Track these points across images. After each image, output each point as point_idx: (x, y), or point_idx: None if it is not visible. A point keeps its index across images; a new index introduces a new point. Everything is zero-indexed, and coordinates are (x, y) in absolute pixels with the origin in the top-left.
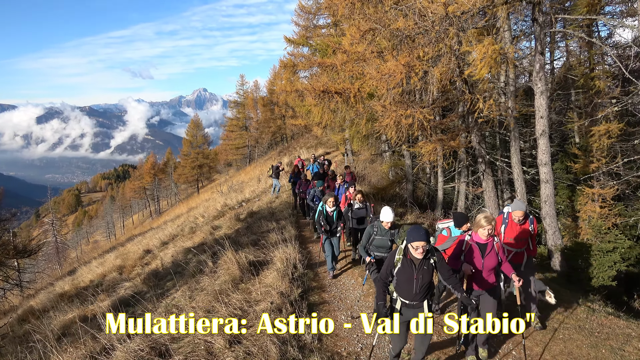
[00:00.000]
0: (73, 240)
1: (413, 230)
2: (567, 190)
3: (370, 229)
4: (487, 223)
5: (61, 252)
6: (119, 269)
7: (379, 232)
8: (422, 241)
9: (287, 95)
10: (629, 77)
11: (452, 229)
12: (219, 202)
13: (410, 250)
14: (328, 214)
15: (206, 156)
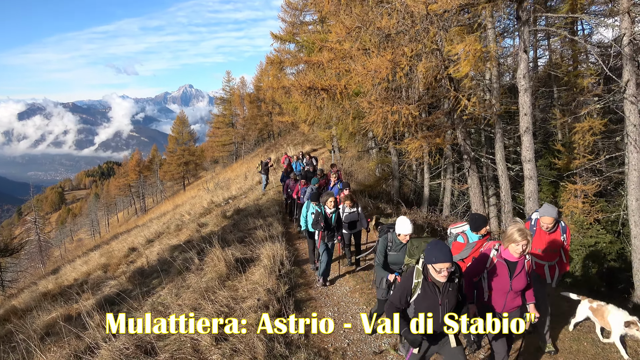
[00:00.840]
0: (57, 238)
1: (435, 248)
2: (550, 187)
3: (384, 242)
4: (522, 238)
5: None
6: (104, 267)
7: (393, 246)
8: (447, 262)
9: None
10: (610, 75)
11: (468, 234)
12: (205, 199)
13: (432, 273)
14: (327, 216)
15: (192, 153)
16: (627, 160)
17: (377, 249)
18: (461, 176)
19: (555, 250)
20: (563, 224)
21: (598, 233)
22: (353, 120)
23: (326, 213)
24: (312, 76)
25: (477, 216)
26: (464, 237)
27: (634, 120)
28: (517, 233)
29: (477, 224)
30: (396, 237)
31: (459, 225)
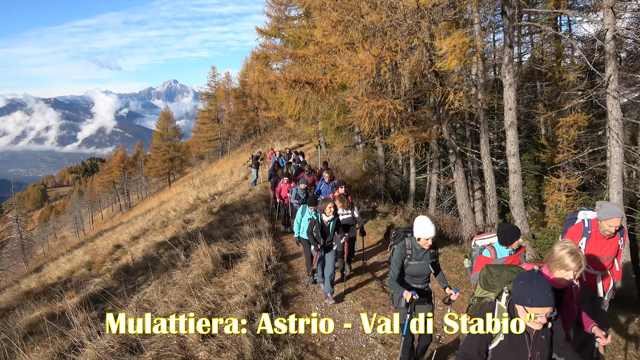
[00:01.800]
0: (39, 236)
1: (530, 285)
2: (534, 181)
3: (401, 251)
4: (576, 264)
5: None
6: (88, 264)
7: (414, 254)
8: (548, 307)
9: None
10: (593, 70)
11: (497, 248)
12: (191, 195)
13: (521, 315)
14: (324, 224)
15: (177, 149)
16: (609, 154)
17: (392, 259)
18: (447, 171)
19: (611, 257)
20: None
21: None
22: (339, 115)
23: (323, 221)
24: (298, 70)
25: (508, 227)
26: (491, 251)
27: (616, 114)
28: (570, 258)
29: (507, 237)
30: (416, 243)
31: (485, 236)
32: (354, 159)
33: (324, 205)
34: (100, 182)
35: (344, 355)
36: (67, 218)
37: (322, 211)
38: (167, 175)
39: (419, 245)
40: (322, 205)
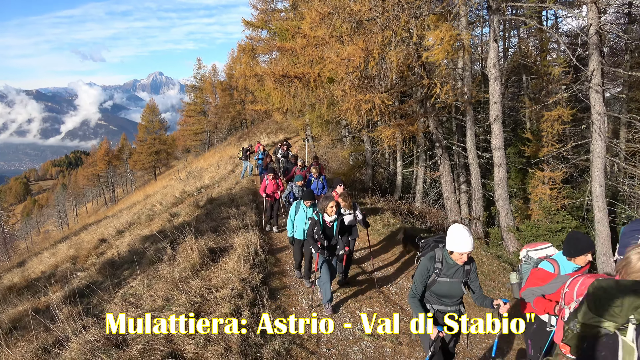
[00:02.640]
0: (22, 230)
1: None
2: (519, 174)
3: (428, 263)
4: None
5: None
6: (73, 259)
7: (444, 269)
8: None
9: (247, 79)
10: (577, 65)
11: (560, 262)
12: (177, 188)
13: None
14: (326, 225)
15: (163, 142)
16: (592, 148)
17: (417, 272)
18: (433, 164)
19: None
20: None
21: (564, 218)
22: (327, 109)
23: (325, 222)
24: (286, 63)
25: (579, 236)
26: (554, 265)
27: (599, 108)
28: None
29: (578, 248)
30: (448, 256)
31: (539, 246)
32: (341, 152)
33: (325, 204)
34: (84, 175)
35: (330, 348)
36: (50, 212)
37: (323, 210)
38: (153, 168)
39: (451, 260)
40: (323, 204)
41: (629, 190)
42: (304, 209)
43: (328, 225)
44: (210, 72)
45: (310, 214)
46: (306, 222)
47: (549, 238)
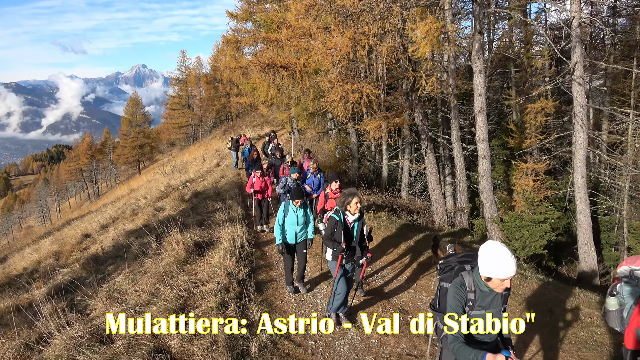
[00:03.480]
0: (3, 226)
1: None
2: (503, 165)
3: (459, 293)
4: None
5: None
6: (56, 254)
7: (478, 299)
8: None
9: (231, 72)
10: (560, 57)
11: None
12: (162, 182)
13: None
14: (347, 226)
15: (147, 135)
16: (574, 140)
17: (448, 305)
18: (419, 156)
19: None
20: None
21: (547, 209)
22: (313, 101)
23: (347, 222)
24: (271, 54)
25: None
26: None
27: (581, 100)
28: None
29: None
30: (482, 283)
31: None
32: (327, 145)
33: (348, 200)
34: (67, 169)
35: (317, 339)
36: (32, 207)
37: (344, 208)
38: (137, 162)
39: (486, 287)
40: (345, 200)
41: (610, 181)
42: (293, 210)
43: (349, 226)
44: (194, 64)
45: (301, 214)
46: (298, 225)
47: (532, 229)
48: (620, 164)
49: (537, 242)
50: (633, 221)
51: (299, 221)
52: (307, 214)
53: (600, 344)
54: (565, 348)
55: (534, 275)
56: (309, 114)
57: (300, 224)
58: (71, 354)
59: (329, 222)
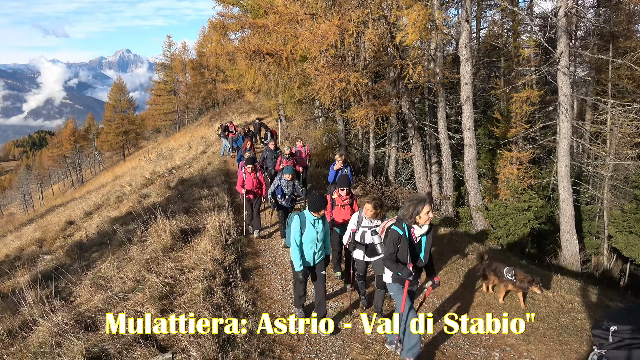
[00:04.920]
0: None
1: None
2: (488, 154)
3: None
4: None
5: None
6: (39, 241)
7: None
8: None
9: (218, 58)
10: (546, 46)
11: None
12: (147, 169)
13: None
14: (413, 242)
15: (132, 122)
16: (559, 129)
17: None
18: (405, 145)
19: None
20: None
21: (531, 198)
22: (300, 88)
23: (412, 236)
24: (258, 40)
25: None
26: None
27: (566, 90)
28: None
29: None
30: None
31: None
32: (314, 133)
33: (419, 209)
34: (49, 156)
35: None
36: (14, 194)
37: (411, 220)
38: (122, 149)
39: None
40: (415, 209)
41: (593, 170)
42: (311, 223)
43: (415, 240)
44: (180, 50)
45: (321, 228)
46: (318, 242)
47: (515, 217)
48: (603, 153)
49: (521, 230)
50: (614, 210)
51: (319, 237)
52: (326, 225)
53: (580, 329)
54: (547, 333)
55: (517, 262)
56: (296, 101)
57: (320, 239)
58: (56, 340)
59: (390, 236)
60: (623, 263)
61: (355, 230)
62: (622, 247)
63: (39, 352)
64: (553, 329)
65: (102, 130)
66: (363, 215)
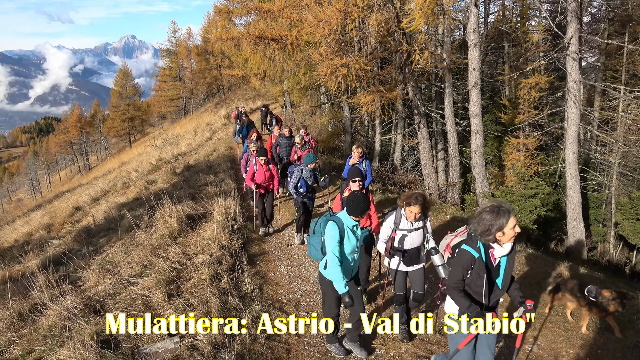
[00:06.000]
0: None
1: None
2: (495, 141)
3: None
4: None
5: None
6: (47, 227)
7: None
8: None
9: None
10: (557, 32)
11: None
12: (153, 156)
13: None
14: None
15: (138, 108)
16: (567, 116)
17: None
18: (411, 131)
19: None
20: None
21: (537, 185)
22: (305, 74)
23: (491, 258)
24: (263, 25)
25: None
26: None
27: (575, 76)
28: None
29: None
30: None
31: None
32: (320, 119)
33: (501, 221)
34: (56, 142)
35: (309, 311)
36: (22, 180)
37: (489, 236)
38: (128, 135)
39: None
40: (495, 222)
41: (600, 157)
42: (351, 230)
43: (493, 263)
44: (185, 35)
45: (361, 235)
46: (357, 252)
47: (522, 204)
48: (612, 140)
49: (527, 217)
50: (621, 197)
51: (359, 244)
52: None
53: None
54: (552, 319)
55: (523, 249)
56: (302, 87)
57: (359, 248)
58: (65, 323)
59: (459, 258)
60: (629, 251)
61: (395, 234)
62: (629, 235)
63: (49, 335)
64: (559, 315)
65: (108, 116)
66: (402, 215)
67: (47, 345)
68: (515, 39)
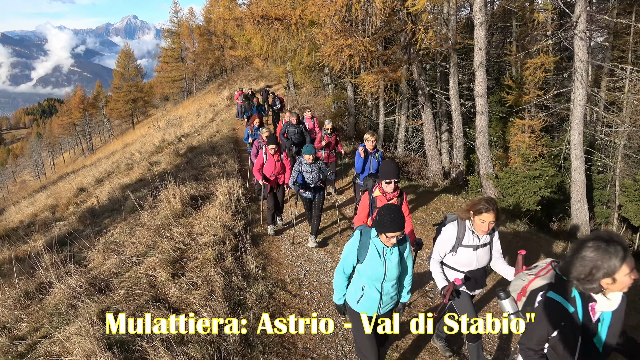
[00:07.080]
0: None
1: None
2: (500, 122)
3: None
4: None
5: None
6: (52, 208)
7: None
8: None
9: (225, 23)
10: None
11: None
12: (156, 137)
13: None
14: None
15: (140, 89)
16: (573, 96)
17: None
18: (416, 112)
19: None
20: None
21: (542, 166)
22: (308, 54)
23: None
24: (266, 4)
25: None
26: None
27: (582, 56)
28: None
29: None
30: None
31: None
32: (323, 101)
33: (609, 267)
34: (59, 124)
35: (312, 290)
36: (26, 162)
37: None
38: (130, 117)
39: None
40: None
41: (606, 138)
42: (379, 251)
43: (590, 322)
44: (187, 15)
45: (397, 259)
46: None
47: (526, 185)
48: (618, 121)
49: (531, 198)
50: (626, 179)
51: (388, 274)
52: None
53: None
54: None
55: (526, 230)
56: (305, 68)
57: (393, 278)
58: (71, 302)
59: (545, 311)
60: (633, 232)
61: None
62: (632, 217)
63: (55, 313)
64: None
65: (110, 97)
66: (468, 228)
67: (53, 323)
68: (523, 18)
